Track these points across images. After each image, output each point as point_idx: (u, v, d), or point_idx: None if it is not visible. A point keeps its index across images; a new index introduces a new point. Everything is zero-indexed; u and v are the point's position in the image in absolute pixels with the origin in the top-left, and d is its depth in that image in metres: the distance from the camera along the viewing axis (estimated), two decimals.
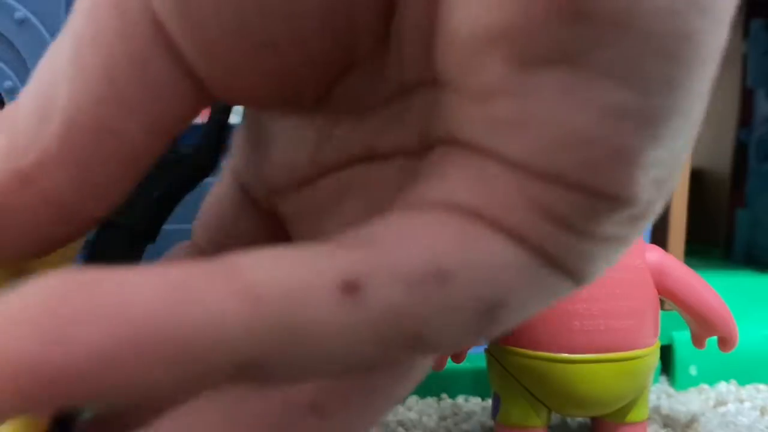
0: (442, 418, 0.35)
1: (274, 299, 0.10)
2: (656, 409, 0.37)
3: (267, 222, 0.17)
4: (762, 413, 0.36)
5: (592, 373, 0.29)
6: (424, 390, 0.37)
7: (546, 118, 0.11)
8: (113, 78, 0.12)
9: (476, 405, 0.37)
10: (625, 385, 0.30)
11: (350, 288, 0.11)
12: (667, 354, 0.41)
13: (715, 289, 0.31)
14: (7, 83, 0.33)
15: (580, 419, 0.35)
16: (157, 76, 0.12)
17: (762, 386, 0.40)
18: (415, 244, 0.11)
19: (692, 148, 0.13)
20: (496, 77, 0.11)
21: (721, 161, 0.66)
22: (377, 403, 0.15)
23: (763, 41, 0.60)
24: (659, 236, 0.40)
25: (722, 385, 0.40)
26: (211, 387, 0.10)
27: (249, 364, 0.10)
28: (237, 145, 0.18)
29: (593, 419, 0.32)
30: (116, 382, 0.09)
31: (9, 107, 0.14)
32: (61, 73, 0.13)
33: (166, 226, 0.36)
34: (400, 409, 0.36)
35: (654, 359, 0.30)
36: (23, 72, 0.33)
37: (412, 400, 0.37)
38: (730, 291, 0.36)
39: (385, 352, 0.11)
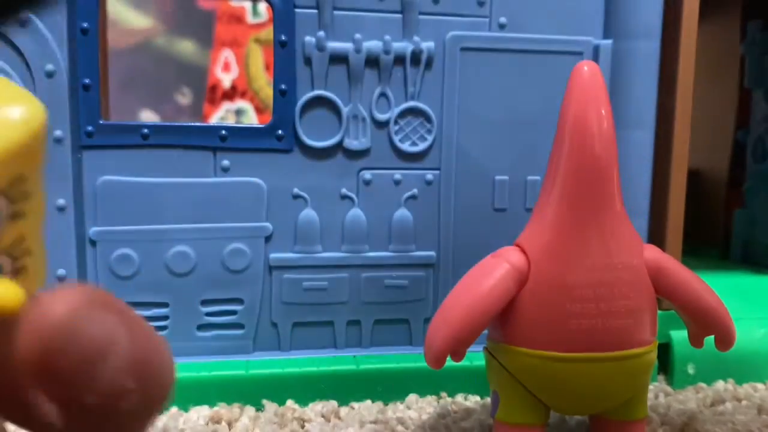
0: (442, 416, 0.35)
1: None
2: (654, 408, 0.37)
3: None
4: (759, 412, 0.37)
5: (590, 371, 0.29)
6: (424, 388, 0.37)
7: None
8: None
9: (475, 403, 0.37)
10: (623, 384, 0.30)
11: None
12: (664, 353, 0.41)
13: (713, 289, 0.32)
14: None
15: (578, 417, 0.35)
16: None
17: (759, 385, 0.40)
18: None
19: (690, 148, 0.13)
20: None
21: (719, 161, 0.66)
22: None
23: (760, 42, 0.61)
24: (657, 236, 0.41)
25: (720, 384, 0.40)
26: None
27: None
28: None
29: (591, 417, 0.33)
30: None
31: None
32: None
33: (169, 226, 0.36)
34: (400, 407, 0.36)
35: (652, 358, 0.30)
36: (25, 72, 0.33)
37: (412, 398, 0.37)
38: (727, 290, 0.36)
39: None
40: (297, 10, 0.36)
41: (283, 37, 0.36)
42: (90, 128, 0.35)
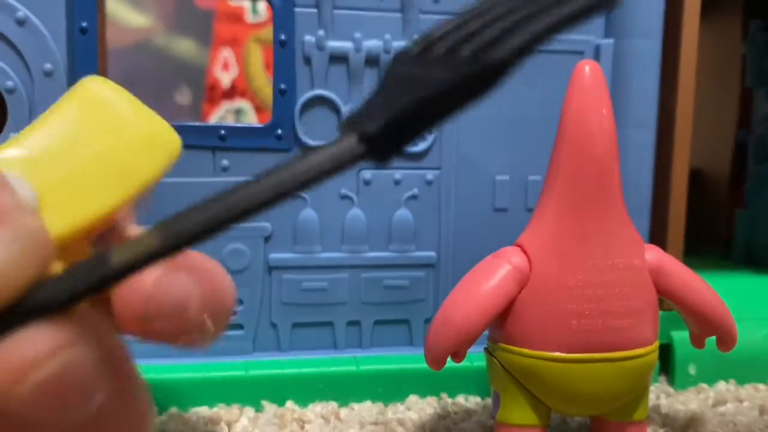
0: (442, 417, 0.35)
1: None
2: (655, 409, 0.37)
3: None
4: (761, 412, 0.36)
5: (591, 372, 0.29)
6: (425, 389, 0.37)
7: None
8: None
9: (476, 404, 0.37)
10: (624, 385, 0.30)
11: None
12: (666, 353, 0.41)
13: (714, 289, 0.32)
14: (9, 83, 0.33)
15: (579, 418, 0.35)
16: None
17: (761, 386, 0.40)
18: None
19: (692, 148, 0.13)
20: None
21: (721, 161, 0.66)
22: None
23: (761, 42, 0.60)
24: (658, 236, 0.40)
25: (721, 385, 0.40)
26: None
27: None
28: None
29: (593, 418, 0.33)
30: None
31: None
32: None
33: None
34: (400, 408, 0.36)
35: (653, 358, 0.30)
36: (24, 72, 0.33)
37: (413, 399, 0.37)
38: (729, 291, 0.36)
39: None
40: (297, 9, 0.36)
41: (283, 37, 0.36)
42: None
